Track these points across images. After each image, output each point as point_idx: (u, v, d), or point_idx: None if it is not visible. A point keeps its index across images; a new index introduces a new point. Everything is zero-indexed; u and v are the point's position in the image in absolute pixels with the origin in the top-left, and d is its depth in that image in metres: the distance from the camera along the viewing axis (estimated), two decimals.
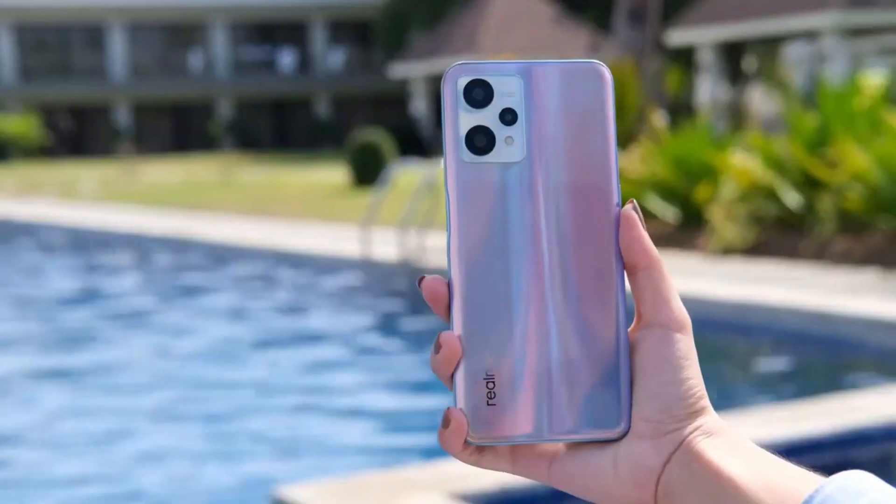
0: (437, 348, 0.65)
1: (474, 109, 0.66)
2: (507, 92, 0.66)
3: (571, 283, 0.65)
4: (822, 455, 3.98)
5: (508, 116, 0.66)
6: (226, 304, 9.89)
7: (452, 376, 0.66)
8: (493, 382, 0.65)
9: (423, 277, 0.66)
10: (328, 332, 8.48)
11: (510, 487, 3.55)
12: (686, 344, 0.65)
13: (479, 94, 0.66)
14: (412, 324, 8.60)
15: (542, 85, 0.66)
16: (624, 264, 0.66)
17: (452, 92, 0.66)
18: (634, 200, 0.66)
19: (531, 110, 0.66)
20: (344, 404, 6.30)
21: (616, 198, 0.66)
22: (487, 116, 0.66)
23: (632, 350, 0.66)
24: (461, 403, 0.65)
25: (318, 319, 9.05)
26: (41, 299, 10.68)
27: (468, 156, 0.66)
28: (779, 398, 5.80)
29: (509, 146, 0.66)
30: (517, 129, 0.66)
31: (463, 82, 0.66)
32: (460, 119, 0.66)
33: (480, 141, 0.66)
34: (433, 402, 6.16)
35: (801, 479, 0.62)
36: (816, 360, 6.62)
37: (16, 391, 6.85)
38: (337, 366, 7.30)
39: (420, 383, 6.73)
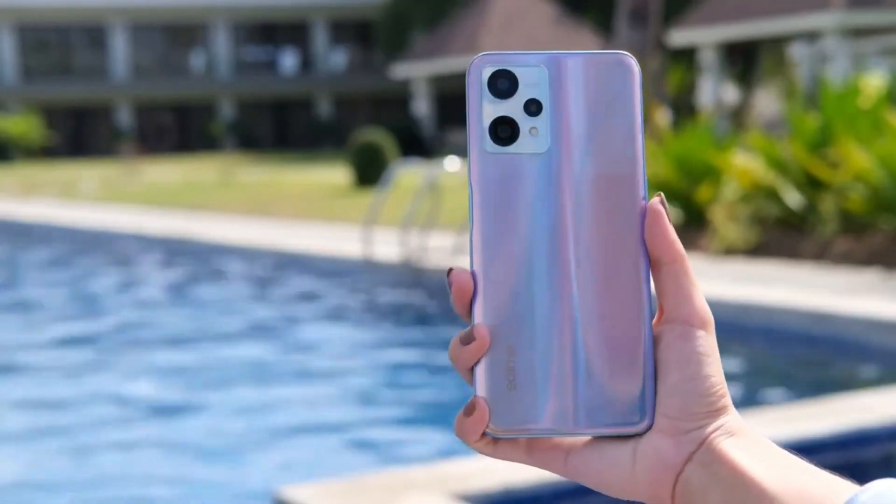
0: (469, 339, 0.64)
1: (499, 100, 0.65)
2: (532, 83, 0.65)
3: (595, 277, 0.65)
4: (824, 456, 3.97)
5: (533, 107, 0.65)
6: (226, 304, 9.89)
7: (472, 368, 0.65)
8: (514, 374, 0.65)
9: (451, 269, 0.65)
10: (329, 332, 8.47)
11: (512, 488, 3.53)
12: (708, 341, 0.64)
13: (503, 84, 0.65)
14: (413, 324, 8.60)
15: (568, 76, 0.65)
16: (648, 258, 0.65)
17: (477, 82, 0.65)
18: (661, 194, 0.65)
19: (556, 101, 0.65)
20: (345, 404, 6.29)
21: (642, 191, 0.65)
22: (512, 107, 0.65)
23: (653, 344, 0.65)
24: (482, 394, 0.65)
25: (319, 319, 9.04)
26: (42, 299, 10.68)
27: (492, 146, 0.65)
28: (780, 398, 5.79)
29: (534, 137, 0.65)
30: (542, 120, 0.65)
31: (488, 73, 0.65)
32: (484, 110, 0.65)
33: (504, 132, 0.65)
34: (434, 401, 6.16)
35: (832, 485, 0.61)
36: (818, 361, 6.61)
37: (17, 389, 6.85)
38: (337, 366, 7.29)
39: (421, 383, 6.72)
